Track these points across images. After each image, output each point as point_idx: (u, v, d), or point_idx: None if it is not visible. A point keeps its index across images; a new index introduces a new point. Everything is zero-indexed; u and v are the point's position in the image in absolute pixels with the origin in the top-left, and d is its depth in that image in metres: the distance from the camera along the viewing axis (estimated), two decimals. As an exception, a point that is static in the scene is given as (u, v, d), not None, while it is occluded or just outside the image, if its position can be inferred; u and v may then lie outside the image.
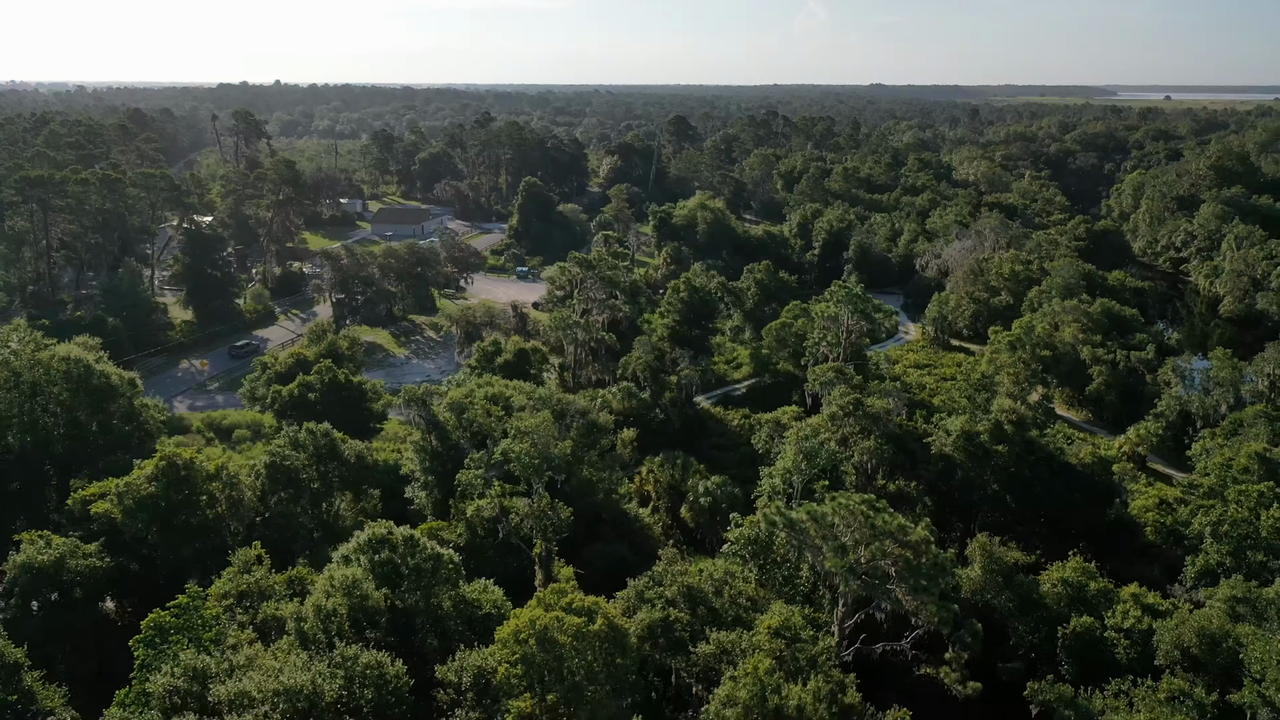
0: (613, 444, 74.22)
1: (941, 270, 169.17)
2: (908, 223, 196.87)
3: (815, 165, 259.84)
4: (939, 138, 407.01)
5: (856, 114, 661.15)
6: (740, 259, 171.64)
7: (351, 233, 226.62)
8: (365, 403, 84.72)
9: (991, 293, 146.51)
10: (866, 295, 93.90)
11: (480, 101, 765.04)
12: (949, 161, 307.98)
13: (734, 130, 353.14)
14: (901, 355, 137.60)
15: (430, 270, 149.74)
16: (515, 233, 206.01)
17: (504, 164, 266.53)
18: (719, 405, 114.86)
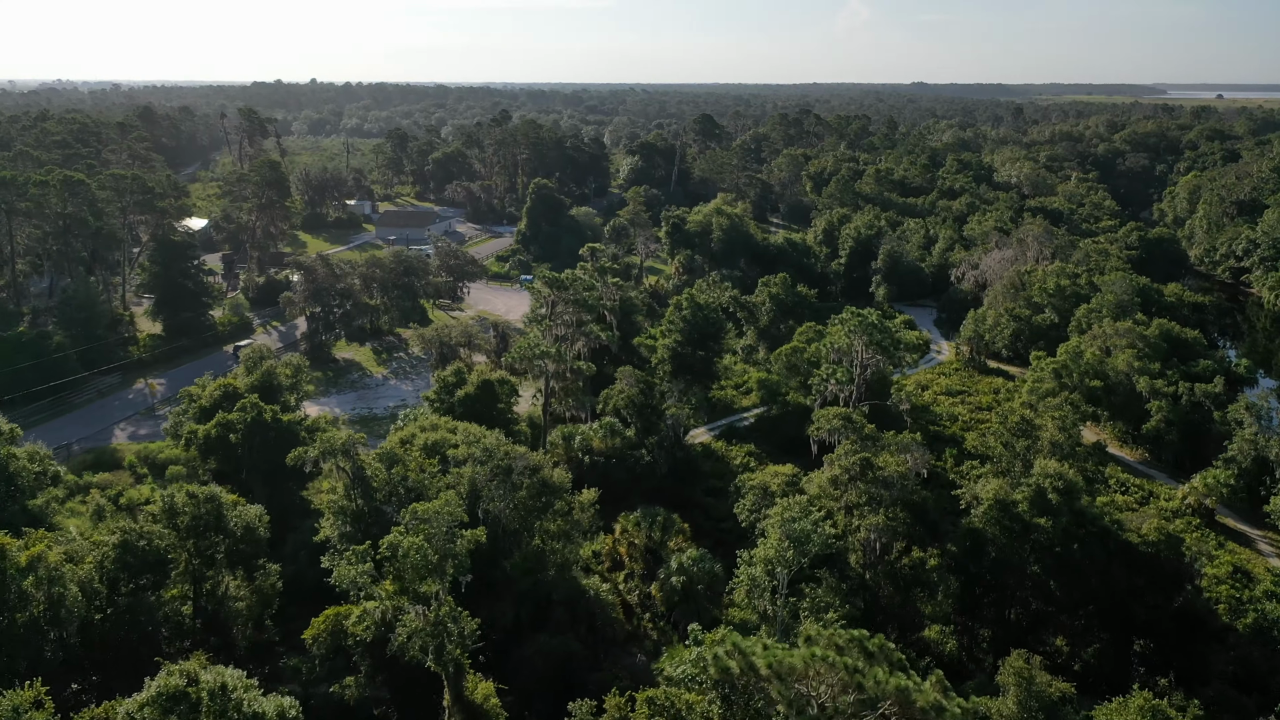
0: (569, 506, 61.81)
1: (979, 282, 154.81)
2: (943, 229, 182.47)
3: (847, 166, 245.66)
4: (980, 137, 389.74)
5: (896, 113, 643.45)
6: (759, 269, 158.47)
7: (355, 236, 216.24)
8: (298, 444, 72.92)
9: (1034, 310, 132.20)
10: (884, 323, 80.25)
11: (512, 100, 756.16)
12: (990, 162, 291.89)
13: (765, 129, 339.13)
14: (932, 379, 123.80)
15: (419, 280, 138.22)
16: (523, 237, 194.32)
17: (520, 164, 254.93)
18: (721, 439, 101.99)
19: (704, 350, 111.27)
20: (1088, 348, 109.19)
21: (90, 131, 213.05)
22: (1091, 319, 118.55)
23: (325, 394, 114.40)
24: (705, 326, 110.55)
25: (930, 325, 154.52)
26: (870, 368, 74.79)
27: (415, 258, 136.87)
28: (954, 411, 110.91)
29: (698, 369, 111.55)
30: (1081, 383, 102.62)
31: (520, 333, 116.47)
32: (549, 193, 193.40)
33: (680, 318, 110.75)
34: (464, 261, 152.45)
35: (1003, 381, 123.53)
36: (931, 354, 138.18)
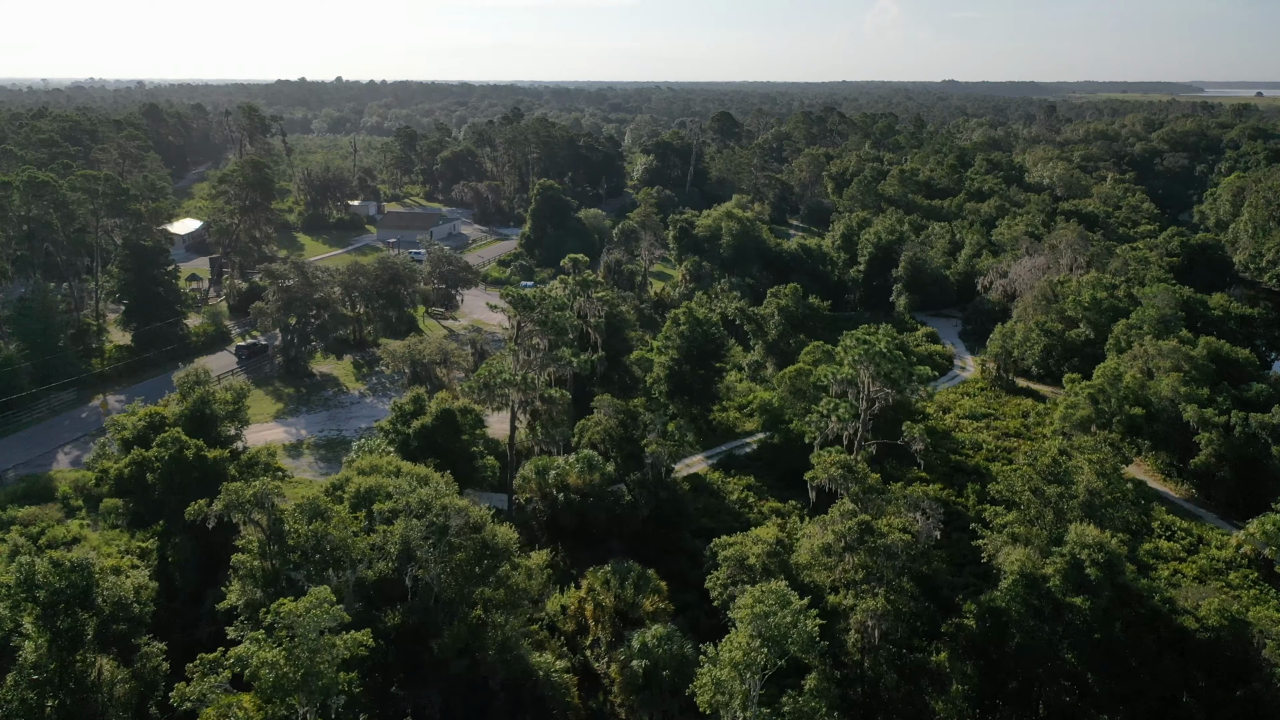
0: (519, 569, 52.70)
1: (1007, 292, 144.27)
2: (970, 233, 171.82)
3: (871, 166, 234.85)
4: (1011, 136, 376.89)
5: (925, 111, 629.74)
6: (771, 276, 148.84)
7: (356, 238, 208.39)
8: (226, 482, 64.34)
9: (1068, 324, 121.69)
10: (895, 351, 70.19)
11: (535, 98, 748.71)
12: (1021, 162, 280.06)
13: (787, 127, 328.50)
14: (955, 400, 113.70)
15: (406, 288, 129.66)
16: (527, 241, 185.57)
17: (531, 164, 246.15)
18: (720, 468, 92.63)
19: (703, 369, 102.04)
20: (1127, 370, 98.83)
21: (83, 130, 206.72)
22: (1131, 336, 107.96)
23: (294, 413, 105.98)
24: (705, 344, 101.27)
25: (954, 338, 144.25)
26: (879, 400, 65.08)
27: (401, 264, 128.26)
28: (978, 439, 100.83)
29: (696, 390, 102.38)
30: (1120, 409, 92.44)
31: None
32: (554, 194, 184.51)
33: (678, 333, 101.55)
34: (458, 268, 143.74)
35: (1032, 403, 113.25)
36: (955, 370, 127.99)
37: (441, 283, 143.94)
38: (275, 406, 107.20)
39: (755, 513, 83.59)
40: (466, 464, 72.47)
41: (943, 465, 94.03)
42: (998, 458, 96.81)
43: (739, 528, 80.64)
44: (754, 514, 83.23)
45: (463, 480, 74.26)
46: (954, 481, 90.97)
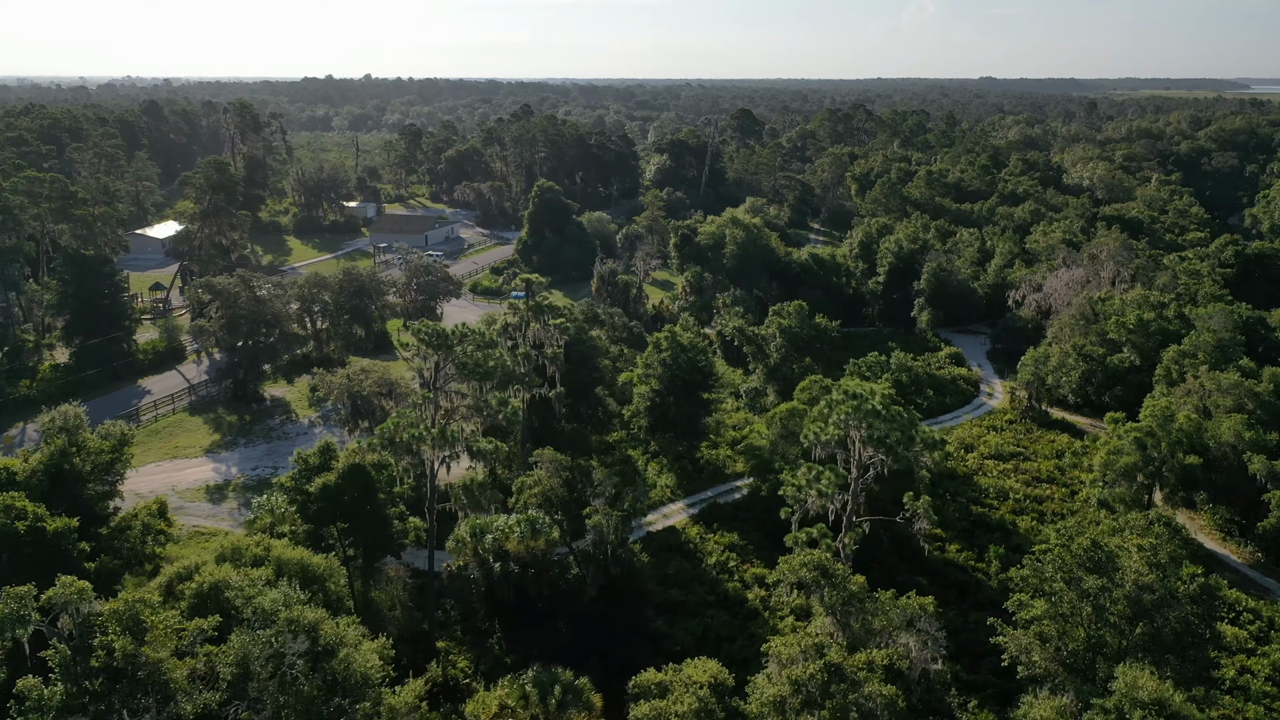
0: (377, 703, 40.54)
1: (1042, 308, 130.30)
2: (1001, 241, 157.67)
3: (898, 167, 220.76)
4: (1049, 134, 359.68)
5: (960, 108, 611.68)
6: (781, 288, 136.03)
7: (348, 242, 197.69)
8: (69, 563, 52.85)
9: (1109, 348, 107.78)
10: (895, 408, 56.69)
11: (562, 95, 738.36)
12: (1060, 162, 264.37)
13: (812, 125, 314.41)
14: (980, 434, 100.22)
15: (374, 302, 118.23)
16: (524, 247, 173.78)
17: (538, 163, 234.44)
18: (702, 520, 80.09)
19: (689, 402, 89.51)
20: (1180, 408, 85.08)
21: (64, 128, 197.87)
22: (1184, 365, 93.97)
23: (231, 445, 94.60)
24: (690, 372, 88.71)
25: (982, 358, 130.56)
26: (874, 467, 52.21)
27: (368, 276, 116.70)
28: (1004, 485, 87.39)
29: (680, 425, 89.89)
30: (1172, 457, 78.80)
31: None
32: (553, 196, 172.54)
33: (659, 360, 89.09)
34: (437, 278, 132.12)
35: (1068, 440, 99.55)
36: (980, 398, 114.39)
37: (420, 294, 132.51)
38: (210, 438, 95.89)
39: (736, 580, 71.03)
40: (379, 529, 60.48)
41: (961, 519, 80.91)
42: (1026, 509, 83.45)
43: (714, 602, 68.44)
44: (734, 582, 70.67)
45: (378, 548, 62.39)
46: (974, 540, 77.83)
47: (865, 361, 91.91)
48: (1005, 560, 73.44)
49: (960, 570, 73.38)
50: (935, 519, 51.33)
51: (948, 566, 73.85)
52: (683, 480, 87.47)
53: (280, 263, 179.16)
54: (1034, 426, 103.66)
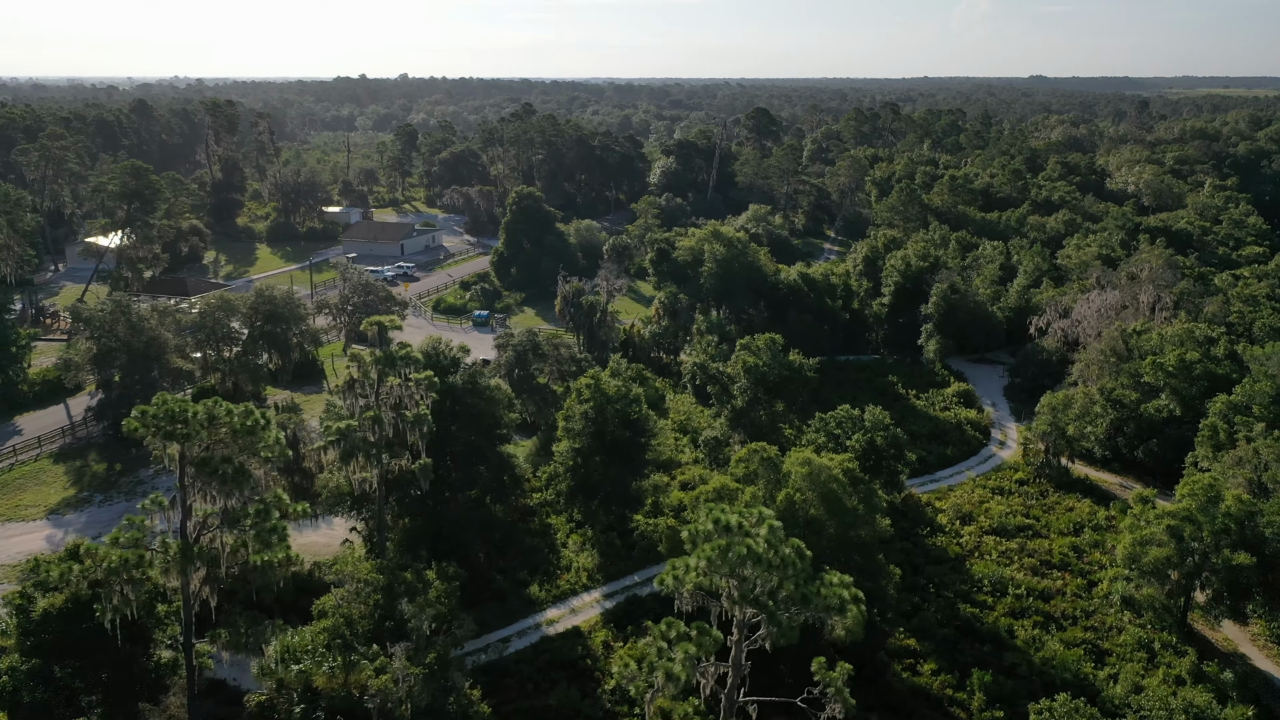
0: None
1: (1068, 338, 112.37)
2: (1028, 255, 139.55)
3: (923, 170, 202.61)
4: (1095, 135, 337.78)
5: (1005, 108, 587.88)
6: (769, 311, 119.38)
7: (322, 251, 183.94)
8: None
9: (1145, 393, 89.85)
10: (788, 550, 38.86)
11: (593, 94, 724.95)
12: (1104, 165, 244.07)
13: (839, 126, 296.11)
14: (982, 498, 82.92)
15: (295, 328, 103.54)
16: (499, 259, 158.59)
17: (534, 166, 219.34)
18: (612, 622, 63.94)
19: (616, 463, 73.55)
20: (1229, 482, 67.52)
21: (19, 128, 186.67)
22: (1235, 423, 76.04)
23: (84, 503, 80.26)
24: (617, 427, 72.73)
25: (998, 395, 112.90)
26: (764, 639, 35.35)
27: (282, 299, 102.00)
28: (1004, 575, 70.08)
29: (606, 492, 73.92)
30: (1216, 550, 61.31)
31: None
32: (533, 204, 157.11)
33: (581, 414, 73.20)
34: (377, 298, 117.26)
35: (1090, 508, 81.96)
36: (990, 447, 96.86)
37: (358, 316, 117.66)
38: (63, 494, 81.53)
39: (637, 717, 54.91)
40: (122, 668, 45.28)
41: (944, 624, 64.01)
42: (1028, 609, 66.21)
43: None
44: (632, 720, 54.56)
45: (123, 696, 47.14)
46: (956, 656, 60.89)
47: (834, 417, 75.31)
48: (992, 692, 56.59)
49: (933, 704, 56.60)
50: (852, 705, 34.70)
51: (916, 697, 57.11)
52: (606, 560, 71.47)
53: (240, 274, 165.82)
54: (1049, 488, 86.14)
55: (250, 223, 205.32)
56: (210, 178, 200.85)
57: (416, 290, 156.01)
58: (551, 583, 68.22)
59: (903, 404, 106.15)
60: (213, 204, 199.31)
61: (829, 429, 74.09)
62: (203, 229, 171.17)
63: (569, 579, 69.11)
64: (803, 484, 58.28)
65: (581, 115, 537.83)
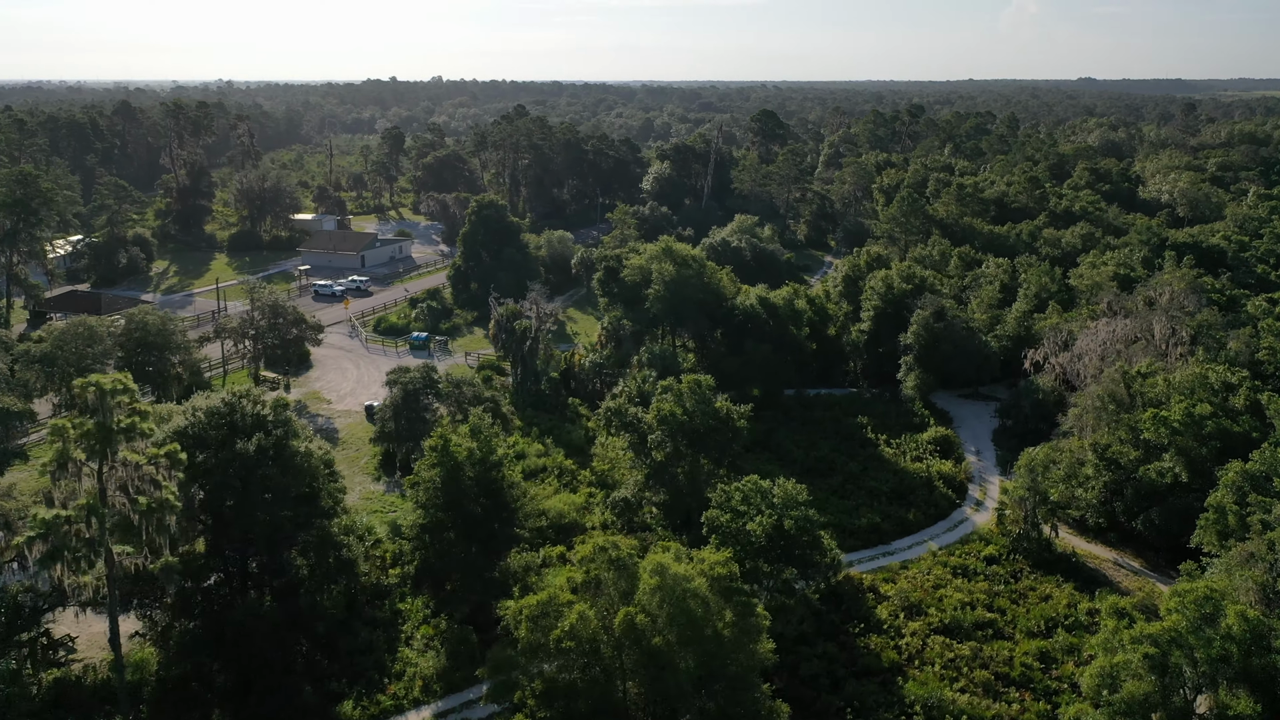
0: None
1: (1068, 375, 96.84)
2: (1033, 275, 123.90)
3: (936, 177, 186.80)
4: (1135, 139, 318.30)
5: (1046, 110, 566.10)
6: (726, 339, 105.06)
7: (281, 262, 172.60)
8: None
9: (1146, 451, 74.46)
10: None
11: (619, 95, 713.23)
12: (1139, 171, 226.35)
13: (856, 129, 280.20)
14: (939, 580, 68.19)
15: (172, 356, 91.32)
16: (456, 273, 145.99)
17: (521, 170, 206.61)
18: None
19: (471, 540, 60.07)
20: (1236, 589, 52.46)
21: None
22: (1250, 502, 60.59)
23: None
24: (473, 498, 59.24)
25: (986, 439, 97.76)
26: None
27: (155, 325, 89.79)
28: (944, 697, 55.29)
29: (462, 576, 60.49)
30: (1213, 687, 46.49)
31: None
32: (493, 213, 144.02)
33: (429, 481, 59.86)
34: (287, 321, 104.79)
35: (1070, 595, 66.96)
36: (964, 509, 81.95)
37: (272, 339, 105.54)
38: None
39: None
40: None
41: (854, 771, 49.72)
42: (971, 756, 51.60)
43: None
44: None
45: None
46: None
47: (741, 489, 60.98)
48: None
49: None
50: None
51: None
52: (453, 664, 57.83)
53: (185, 286, 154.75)
54: (1025, 567, 71.20)
55: (222, 230, 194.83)
56: (176, 183, 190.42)
57: (368, 305, 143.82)
58: (372, 698, 54.83)
59: (870, 451, 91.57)
60: (179, 210, 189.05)
61: (733, 506, 59.89)
62: (148, 239, 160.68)
63: (398, 689, 55.73)
64: (652, 601, 44.41)
65: (605, 118, 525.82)
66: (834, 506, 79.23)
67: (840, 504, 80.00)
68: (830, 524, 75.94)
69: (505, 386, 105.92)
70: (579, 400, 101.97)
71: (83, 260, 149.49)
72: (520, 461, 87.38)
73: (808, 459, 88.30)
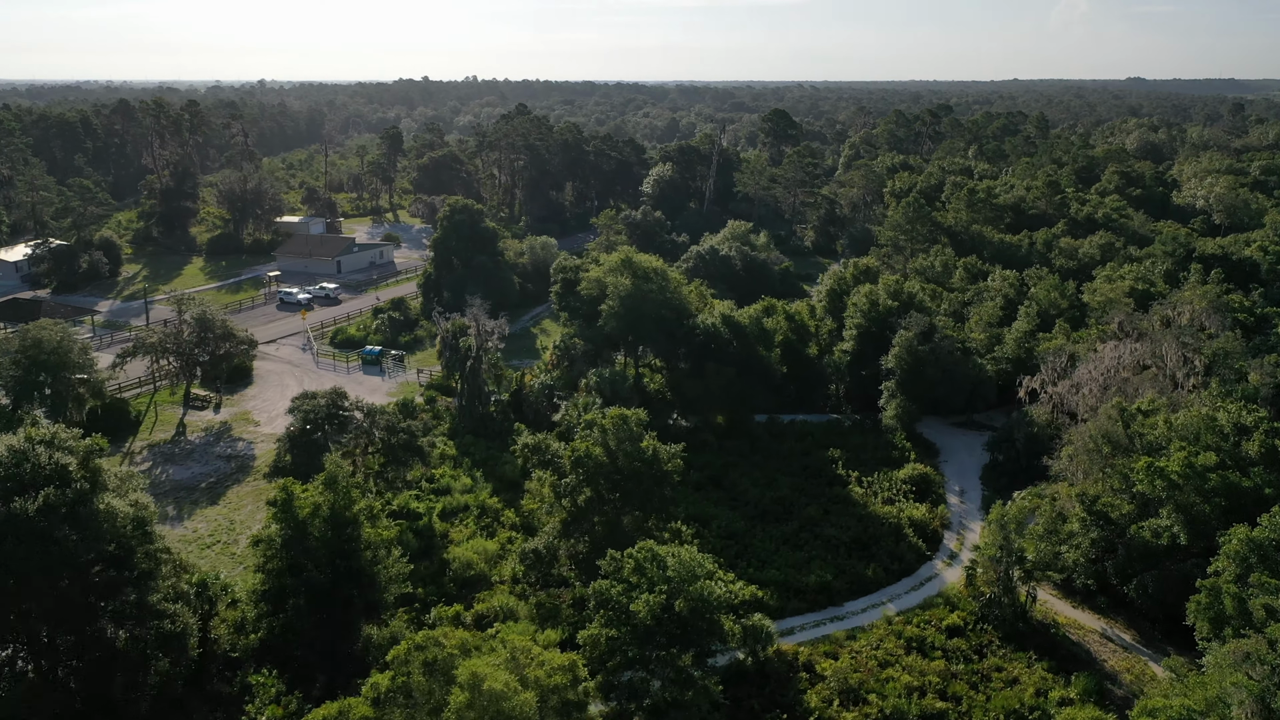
0: None
1: (1067, 406, 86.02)
2: (1041, 288, 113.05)
3: (953, 180, 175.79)
4: (1176, 140, 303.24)
5: (1088, 110, 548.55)
6: (689, 360, 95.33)
7: (257, 267, 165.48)
8: None
9: (1141, 505, 63.84)
10: None
11: (655, 96, 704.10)
12: (1176, 176, 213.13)
13: (877, 130, 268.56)
14: (886, 662, 58.23)
15: (67, 376, 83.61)
16: (426, 281, 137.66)
17: (517, 171, 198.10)
18: None
19: (321, 610, 51.25)
20: (1230, 699, 42.16)
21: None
22: (1257, 581, 49.97)
23: None
24: (321, 564, 50.40)
25: (974, 477, 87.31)
26: None
27: (51, 341, 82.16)
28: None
29: (314, 652, 51.62)
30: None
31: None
32: (466, 217, 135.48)
33: (267, 541, 51.11)
34: (215, 336, 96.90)
35: (1043, 679, 56.64)
36: (935, 562, 71.82)
37: (201, 354, 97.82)
38: None
39: None
40: None
41: None
42: None
43: None
44: None
45: None
46: None
47: (635, 556, 51.34)
48: None
49: None
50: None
51: None
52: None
53: (151, 292, 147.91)
54: (995, 640, 60.98)
55: (208, 233, 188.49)
56: (160, 184, 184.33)
57: (332, 315, 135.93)
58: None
59: (837, 490, 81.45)
60: (162, 212, 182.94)
61: (624, 574, 50.42)
62: (115, 241, 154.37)
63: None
64: (461, 721, 35.20)
65: (632, 118, 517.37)
66: (782, 560, 69.48)
67: (790, 556, 70.15)
68: (774, 582, 66.41)
69: (450, 409, 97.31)
70: (525, 426, 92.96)
71: (42, 265, 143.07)
72: (441, 499, 78.71)
73: (764, 500, 78.50)
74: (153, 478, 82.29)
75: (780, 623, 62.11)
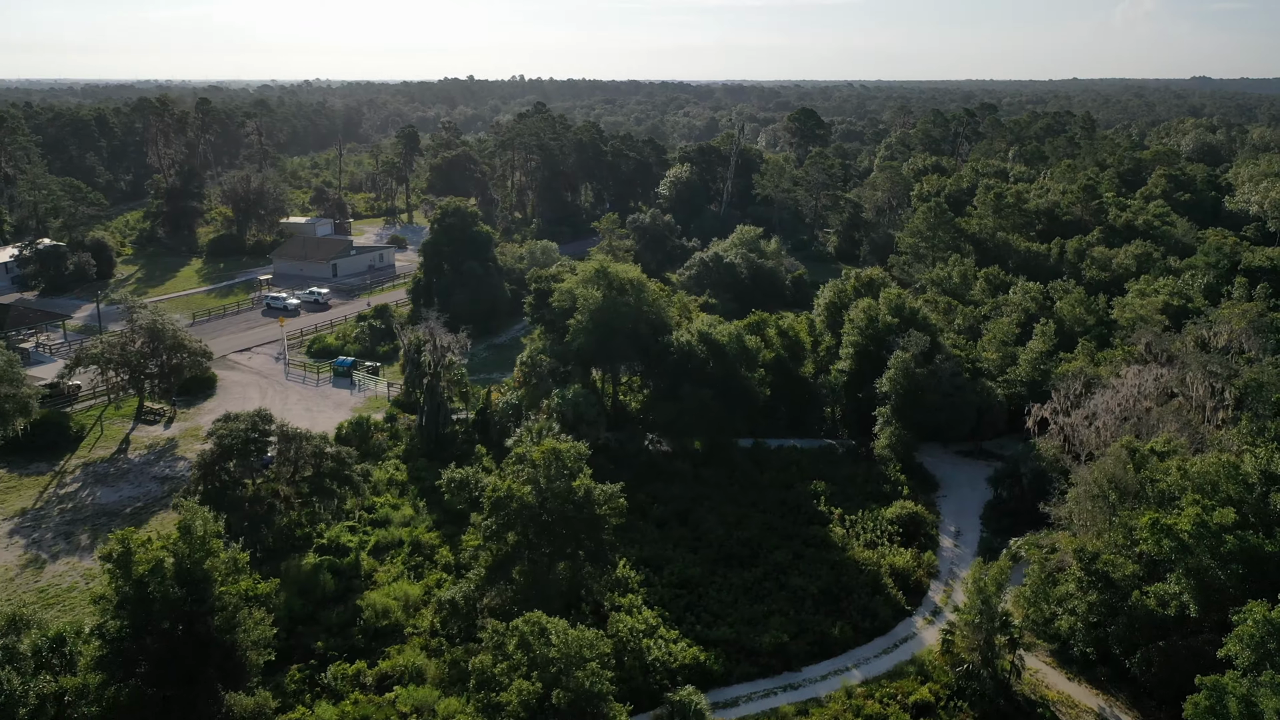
0: None
1: (1078, 441, 76.77)
2: (1065, 303, 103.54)
3: (986, 183, 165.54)
4: (1235, 141, 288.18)
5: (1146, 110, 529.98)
6: (666, 381, 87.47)
7: (252, 269, 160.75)
8: None
9: (1147, 566, 54.96)
10: None
11: (699, 95, 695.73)
12: (1230, 179, 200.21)
13: (914, 131, 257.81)
14: (841, 741, 50.19)
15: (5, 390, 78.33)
16: (415, 288, 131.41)
17: (531, 172, 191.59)
18: None
19: (171, 682, 44.47)
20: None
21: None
22: (1264, 679, 41.08)
23: None
24: (168, 626, 43.60)
25: (974, 515, 78.42)
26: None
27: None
28: None
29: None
30: None
31: None
32: (457, 220, 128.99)
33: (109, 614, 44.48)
34: (169, 346, 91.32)
35: (1016, 782, 48.13)
36: (915, 620, 63.28)
37: (152, 366, 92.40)
38: None
39: None
40: None
41: None
42: None
43: None
44: None
45: None
46: None
47: (520, 629, 43.81)
48: None
49: None
50: None
51: None
52: None
53: (139, 294, 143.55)
54: (968, 718, 52.49)
55: (214, 234, 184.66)
56: (165, 184, 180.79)
57: (317, 321, 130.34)
58: None
59: (815, 530, 73.02)
60: (167, 212, 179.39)
61: (508, 650, 42.94)
62: (107, 243, 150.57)
63: None
64: None
65: (671, 117, 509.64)
66: (738, 614, 61.46)
67: (748, 610, 62.07)
68: (724, 641, 58.52)
69: (410, 428, 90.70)
70: (486, 449, 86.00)
71: (29, 266, 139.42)
72: (376, 532, 71.94)
73: (729, 541, 70.47)
74: (77, 501, 76.73)
75: (722, 692, 54.44)
